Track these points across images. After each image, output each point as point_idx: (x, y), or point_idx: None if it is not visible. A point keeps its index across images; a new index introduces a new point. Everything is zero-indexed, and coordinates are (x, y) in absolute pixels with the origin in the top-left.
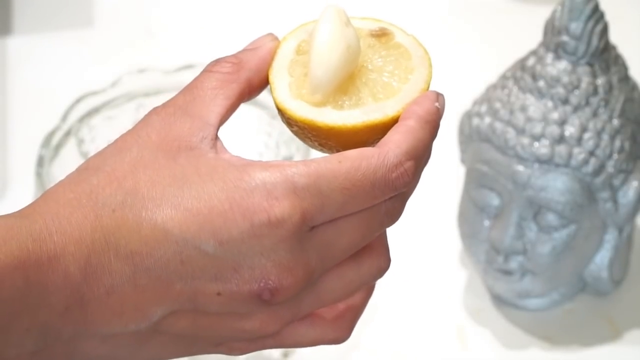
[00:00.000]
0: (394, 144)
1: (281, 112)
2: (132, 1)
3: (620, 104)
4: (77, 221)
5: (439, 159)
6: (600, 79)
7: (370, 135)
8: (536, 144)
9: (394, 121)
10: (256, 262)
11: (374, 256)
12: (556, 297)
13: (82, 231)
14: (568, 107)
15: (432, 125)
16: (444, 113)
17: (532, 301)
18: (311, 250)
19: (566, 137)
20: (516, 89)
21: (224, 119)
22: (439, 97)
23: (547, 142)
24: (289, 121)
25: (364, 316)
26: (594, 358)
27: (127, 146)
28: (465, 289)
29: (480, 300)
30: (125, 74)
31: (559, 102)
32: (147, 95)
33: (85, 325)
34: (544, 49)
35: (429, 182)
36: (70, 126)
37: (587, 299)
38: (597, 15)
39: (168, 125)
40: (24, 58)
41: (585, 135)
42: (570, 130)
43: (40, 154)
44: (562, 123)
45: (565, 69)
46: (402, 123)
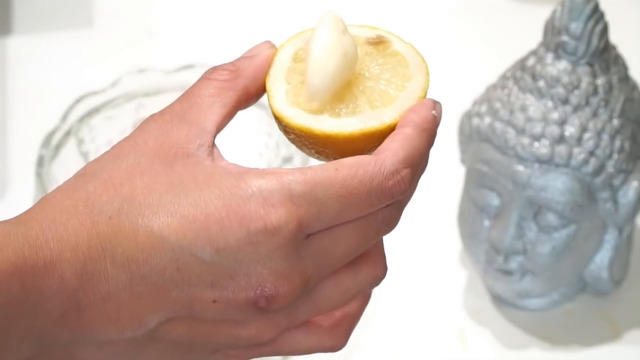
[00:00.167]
0: (391, 152)
1: (278, 119)
2: (132, 1)
3: (620, 104)
4: (73, 228)
5: (439, 159)
6: (600, 79)
7: (367, 143)
8: (536, 144)
9: (391, 129)
10: (252, 269)
11: (370, 264)
12: (556, 297)
13: (79, 238)
14: (568, 107)
15: (429, 133)
16: (441, 121)
17: (532, 301)
18: (307, 258)
19: (566, 137)
20: (516, 89)
21: (221, 126)
22: (436, 105)
23: (547, 142)
24: (286, 129)
25: (364, 316)
26: (594, 358)
27: (124, 153)
28: (465, 289)
29: (480, 300)
30: (125, 74)
31: (559, 102)
32: (147, 95)
33: (82, 331)
34: (544, 49)
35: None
36: (70, 126)
37: (587, 299)
38: (597, 15)
39: (165, 132)
40: (24, 58)
41: (585, 135)
42: (570, 130)
43: (40, 154)
44: (562, 123)
45: (565, 69)
46: (399, 131)
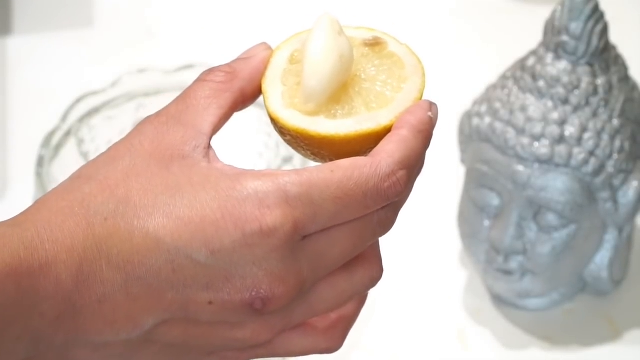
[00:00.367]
0: (387, 154)
1: (274, 121)
2: (132, 1)
3: (620, 104)
4: (69, 229)
5: (439, 159)
6: (600, 79)
7: (363, 145)
8: (536, 144)
9: (387, 130)
10: (248, 271)
11: (366, 266)
12: (556, 297)
13: (74, 239)
14: (568, 107)
15: (425, 135)
16: (437, 122)
17: (532, 301)
18: (303, 260)
19: (566, 137)
20: (516, 89)
21: (217, 128)
22: (432, 106)
23: (547, 142)
24: (282, 130)
25: (364, 316)
26: (594, 358)
27: (120, 155)
28: (465, 289)
29: (480, 300)
30: (125, 74)
31: (559, 102)
32: (147, 95)
33: (77, 333)
34: (544, 49)
35: (429, 183)
36: (70, 126)
37: (587, 299)
38: (597, 15)
39: (161, 134)
40: (24, 58)
41: (585, 135)
42: (570, 130)
43: (40, 154)
44: (562, 123)
45: (565, 69)
46: (395, 132)
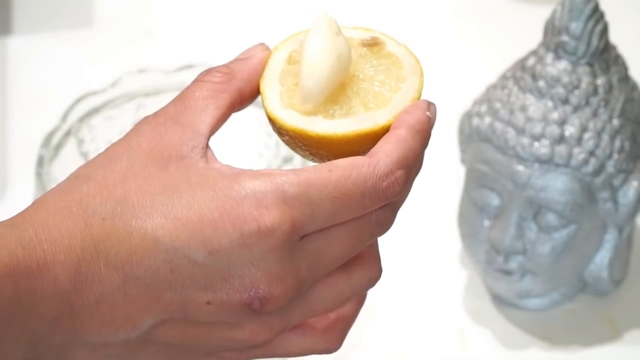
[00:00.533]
0: (385, 153)
1: (272, 121)
2: (132, 1)
3: (620, 104)
4: (67, 230)
5: (439, 159)
6: (600, 79)
7: (361, 145)
8: (536, 144)
9: (385, 130)
10: (246, 271)
11: (364, 266)
12: (556, 297)
13: (72, 240)
14: (568, 107)
15: (423, 135)
16: (435, 122)
17: (532, 301)
18: (301, 260)
19: (566, 137)
20: (516, 89)
21: (214, 128)
22: (430, 106)
23: (547, 142)
24: (280, 130)
25: (364, 316)
26: (594, 358)
27: (118, 155)
28: (465, 289)
29: (480, 300)
30: (125, 74)
31: (559, 102)
32: (147, 95)
33: (75, 334)
34: (544, 49)
35: (429, 182)
36: (70, 126)
37: (587, 299)
38: (597, 15)
39: (159, 134)
40: (24, 58)
41: (585, 135)
42: (570, 130)
43: (40, 154)
44: (562, 123)
45: (565, 69)
46: (393, 132)
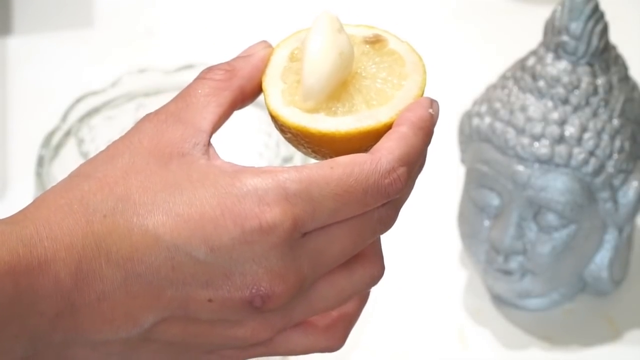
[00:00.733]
0: (387, 151)
1: (274, 119)
2: (132, 1)
3: (620, 104)
4: (68, 227)
5: (439, 159)
6: (600, 79)
7: (364, 142)
8: (536, 144)
9: (387, 128)
10: (247, 268)
11: (367, 264)
12: (556, 297)
13: (73, 237)
14: (568, 107)
15: (425, 132)
16: (438, 119)
17: (532, 301)
18: (303, 257)
19: (566, 137)
20: (516, 89)
21: (216, 126)
22: (432, 103)
23: (547, 142)
24: (282, 128)
25: (364, 316)
26: (594, 358)
27: (119, 152)
28: (465, 289)
29: (480, 300)
30: (125, 74)
31: (559, 102)
32: (147, 95)
33: (76, 331)
34: (544, 49)
35: (429, 182)
36: (70, 126)
37: (587, 299)
38: (597, 15)
39: (160, 131)
40: (24, 58)
41: (585, 135)
42: (570, 130)
43: (40, 154)
44: (562, 123)
45: (565, 69)
46: (395, 130)
